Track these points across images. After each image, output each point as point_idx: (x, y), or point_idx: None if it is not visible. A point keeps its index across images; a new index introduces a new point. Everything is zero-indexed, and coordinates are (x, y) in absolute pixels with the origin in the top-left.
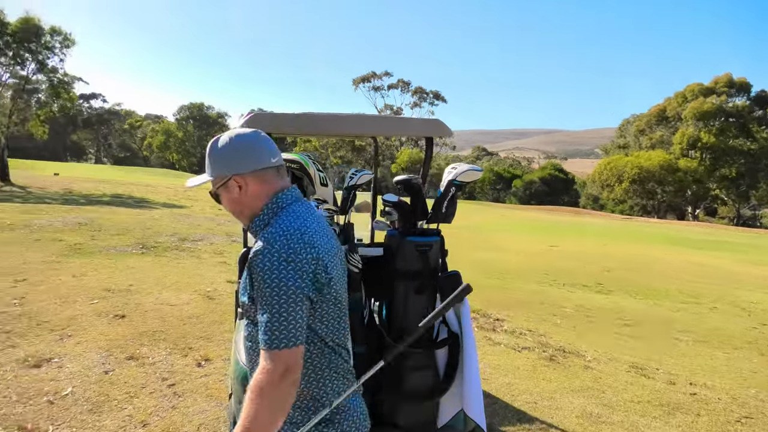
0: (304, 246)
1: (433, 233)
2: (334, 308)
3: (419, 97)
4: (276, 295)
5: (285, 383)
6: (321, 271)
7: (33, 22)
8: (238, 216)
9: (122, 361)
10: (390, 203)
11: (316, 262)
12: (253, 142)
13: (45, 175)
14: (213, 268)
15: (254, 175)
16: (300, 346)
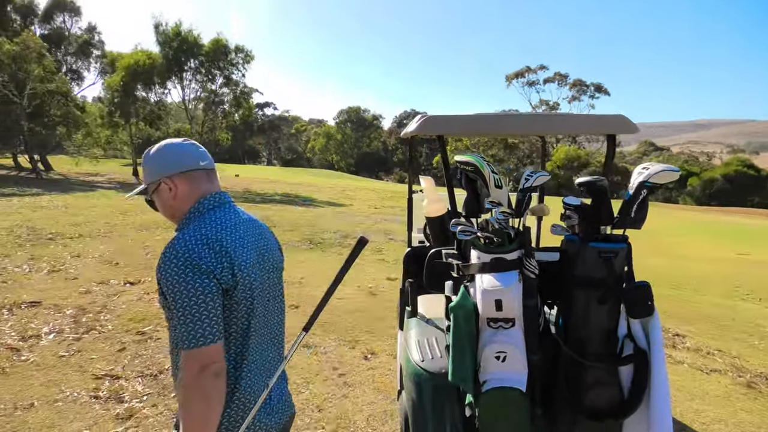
0: (207, 250)
1: (619, 239)
2: (247, 309)
3: (578, 90)
4: (182, 298)
5: (204, 379)
6: (227, 275)
7: (222, 42)
8: (172, 219)
9: (298, 349)
10: (571, 206)
11: (221, 266)
12: (179, 147)
13: (228, 176)
14: (373, 265)
15: (183, 176)
16: (215, 344)
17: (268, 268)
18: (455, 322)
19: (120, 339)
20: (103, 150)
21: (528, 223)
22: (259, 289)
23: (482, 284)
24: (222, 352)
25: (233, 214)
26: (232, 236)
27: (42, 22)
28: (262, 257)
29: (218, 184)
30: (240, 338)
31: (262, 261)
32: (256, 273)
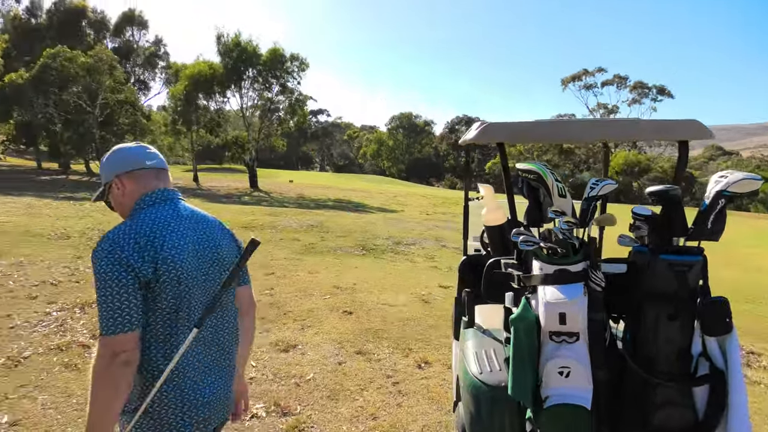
0: (132, 244)
1: (693, 251)
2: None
3: (639, 93)
4: (102, 288)
5: (114, 366)
6: (147, 268)
7: (279, 52)
8: (123, 216)
9: (352, 355)
10: (641, 216)
11: (142, 260)
12: (127, 150)
13: (282, 182)
14: (426, 272)
15: (129, 175)
16: (130, 333)
17: (207, 262)
18: (516, 335)
19: None
20: (165, 156)
21: (593, 233)
22: (191, 283)
23: (545, 296)
24: (134, 341)
25: (172, 210)
26: (162, 231)
27: (113, 36)
28: (199, 252)
29: (168, 182)
30: (167, 329)
31: (199, 256)
32: (189, 267)
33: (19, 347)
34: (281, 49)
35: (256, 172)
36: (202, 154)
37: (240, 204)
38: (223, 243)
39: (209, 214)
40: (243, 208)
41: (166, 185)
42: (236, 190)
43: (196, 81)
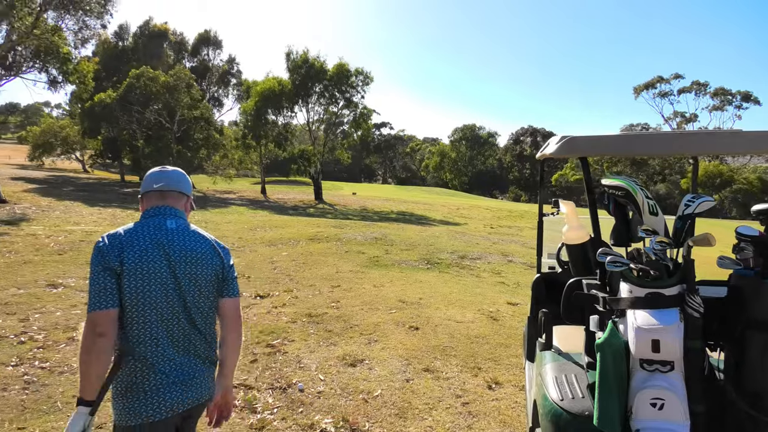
0: (110, 244)
1: None
2: (139, 292)
3: (721, 100)
4: (90, 274)
5: (91, 336)
6: (114, 260)
7: (344, 67)
8: None
9: (420, 372)
10: (747, 237)
11: (112, 253)
12: (148, 175)
13: (345, 194)
14: (493, 288)
15: (145, 195)
16: (104, 311)
17: (178, 270)
18: (603, 361)
19: (252, 350)
20: (236, 170)
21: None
22: (150, 280)
23: (636, 321)
24: (107, 318)
25: (155, 223)
26: (134, 235)
27: (190, 56)
28: (169, 258)
29: (173, 201)
30: (135, 313)
31: (169, 261)
32: (150, 268)
33: None
34: (347, 64)
35: (320, 184)
36: (270, 167)
37: (306, 216)
38: (202, 258)
39: (204, 232)
40: (309, 220)
41: (167, 203)
42: (302, 202)
43: (266, 97)
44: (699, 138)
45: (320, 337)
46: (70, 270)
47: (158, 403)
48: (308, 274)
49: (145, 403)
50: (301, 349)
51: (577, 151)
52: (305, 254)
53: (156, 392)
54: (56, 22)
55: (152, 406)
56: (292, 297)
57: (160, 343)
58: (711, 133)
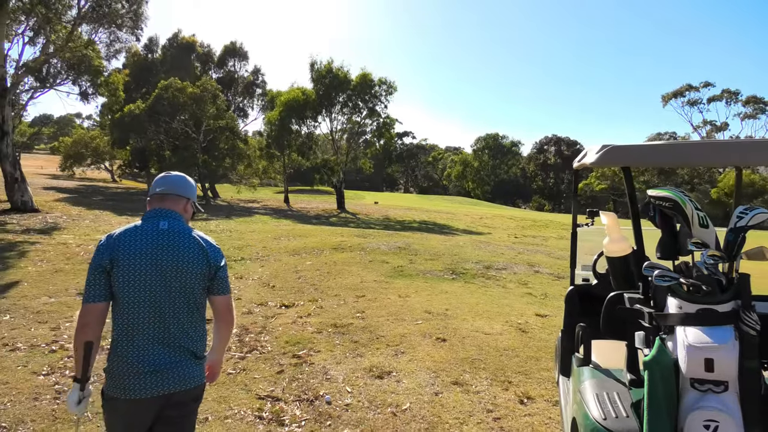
0: (105, 243)
1: None
2: (126, 287)
3: (754, 108)
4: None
5: (78, 325)
6: (105, 257)
7: (368, 77)
8: None
9: (448, 385)
10: None
11: (105, 251)
12: (154, 180)
13: (368, 203)
14: (520, 299)
15: (150, 198)
16: (91, 304)
17: (163, 267)
18: (651, 380)
19: (278, 361)
20: (259, 179)
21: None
22: (137, 278)
23: (687, 338)
24: (92, 310)
25: (149, 224)
26: (128, 236)
27: (217, 67)
28: (157, 258)
29: (172, 203)
30: (124, 306)
31: (156, 260)
32: (141, 266)
33: None
34: (370, 74)
35: (343, 193)
36: (294, 177)
37: (329, 225)
38: (188, 256)
39: (197, 233)
40: (333, 229)
41: (165, 206)
42: (324, 211)
43: (291, 107)
44: (753, 147)
45: (346, 348)
46: None
47: (135, 385)
48: (333, 284)
49: (124, 382)
50: (328, 360)
51: (619, 161)
52: (329, 263)
53: (134, 376)
54: (90, 36)
55: (130, 387)
56: (317, 307)
57: (143, 334)
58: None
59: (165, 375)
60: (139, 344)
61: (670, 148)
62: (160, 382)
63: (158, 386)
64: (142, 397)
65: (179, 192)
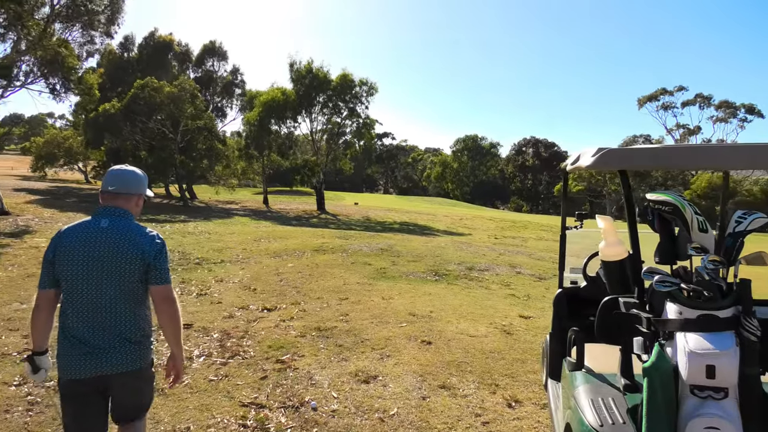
0: (54, 237)
1: None
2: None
3: (725, 112)
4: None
5: (34, 307)
6: (50, 251)
7: (349, 77)
8: None
9: (436, 389)
10: None
11: (51, 245)
12: (107, 173)
13: (348, 204)
14: (503, 300)
15: (101, 193)
16: (42, 290)
17: (98, 261)
18: (650, 386)
19: (262, 366)
20: (238, 180)
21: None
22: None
23: (688, 345)
24: (42, 296)
25: (93, 222)
26: (69, 232)
27: (195, 67)
28: (91, 252)
29: (124, 202)
30: (65, 292)
31: (90, 255)
32: (75, 257)
33: None
34: (351, 74)
35: (323, 194)
36: (273, 177)
37: (309, 226)
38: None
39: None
40: (314, 230)
41: (116, 203)
42: (304, 212)
43: (270, 107)
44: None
45: (331, 352)
46: None
47: (75, 366)
48: (315, 286)
49: (67, 364)
50: (312, 364)
51: (615, 164)
52: (311, 266)
53: (74, 357)
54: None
55: (71, 368)
56: (299, 310)
57: (79, 319)
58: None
59: (99, 357)
60: (76, 329)
61: (668, 152)
62: (95, 364)
63: (94, 367)
64: (80, 378)
65: (131, 190)
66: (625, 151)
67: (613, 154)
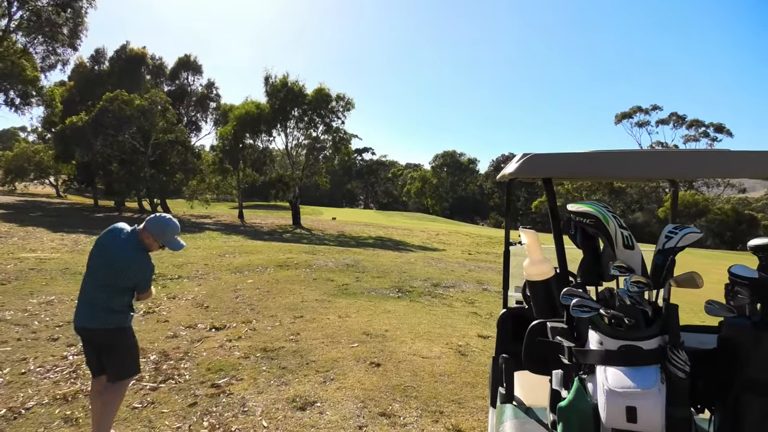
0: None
1: None
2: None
3: (696, 131)
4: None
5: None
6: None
7: (324, 91)
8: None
9: (375, 417)
10: (743, 279)
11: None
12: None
13: (325, 219)
14: (464, 319)
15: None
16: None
17: (101, 254)
18: (566, 429)
19: (194, 391)
20: (213, 194)
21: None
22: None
23: (606, 382)
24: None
25: (125, 231)
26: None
27: (169, 80)
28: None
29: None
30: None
31: (100, 250)
32: (95, 252)
33: (25, 396)
34: (327, 88)
35: (299, 209)
36: (250, 192)
37: (280, 241)
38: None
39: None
40: (282, 245)
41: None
42: (279, 227)
43: (244, 121)
44: (683, 158)
45: (272, 374)
46: (9, 302)
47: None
48: (271, 304)
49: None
50: (249, 389)
51: (539, 171)
52: (271, 281)
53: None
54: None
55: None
56: (249, 329)
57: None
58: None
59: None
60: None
61: (593, 158)
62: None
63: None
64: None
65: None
66: (549, 157)
67: (537, 160)
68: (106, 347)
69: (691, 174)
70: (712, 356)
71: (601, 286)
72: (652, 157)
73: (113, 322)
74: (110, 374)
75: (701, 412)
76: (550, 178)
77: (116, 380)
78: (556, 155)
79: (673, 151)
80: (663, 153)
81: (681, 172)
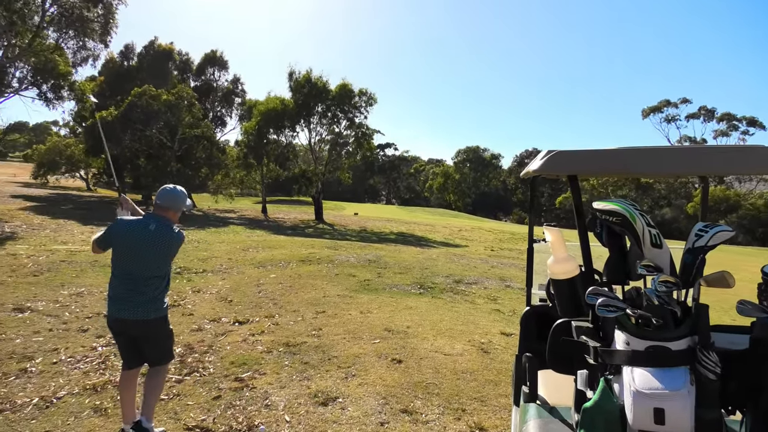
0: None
1: None
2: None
3: (727, 125)
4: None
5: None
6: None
7: (348, 87)
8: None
9: (397, 413)
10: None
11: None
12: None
13: (347, 215)
14: (487, 316)
15: (154, 204)
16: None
17: (135, 244)
18: (591, 431)
19: (218, 385)
20: (238, 189)
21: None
22: (121, 251)
23: (633, 383)
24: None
25: (143, 220)
26: (125, 224)
27: (195, 76)
28: (133, 238)
29: (165, 211)
30: (113, 263)
31: (131, 240)
32: (123, 244)
33: (56, 385)
34: (350, 84)
35: (321, 204)
36: (273, 187)
37: (303, 236)
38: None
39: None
40: (304, 240)
41: (158, 212)
42: (301, 222)
43: (268, 116)
44: (712, 154)
45: (294, 369)
46: (42, 293)
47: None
48: (293, 299)
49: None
50: (272, 383)
51: (563, 168)
52: (294, 276)
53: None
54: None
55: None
56: (272, 323)
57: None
58: (726, 148)
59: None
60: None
61: (620, 155)
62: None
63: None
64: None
65: (169, 206)
66: (574, 154)
67: (561, 157)
68: (150, 337)
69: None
70: (743, 357)
71: (627, 285)
72: (681, 154)
73: (158, 312)
74: (154, 361)
75: (732, 413)
76: (575, 175)
77: (161, 365)
78: (582, 152)
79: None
80: (692, 149)
81: (711, 169)
